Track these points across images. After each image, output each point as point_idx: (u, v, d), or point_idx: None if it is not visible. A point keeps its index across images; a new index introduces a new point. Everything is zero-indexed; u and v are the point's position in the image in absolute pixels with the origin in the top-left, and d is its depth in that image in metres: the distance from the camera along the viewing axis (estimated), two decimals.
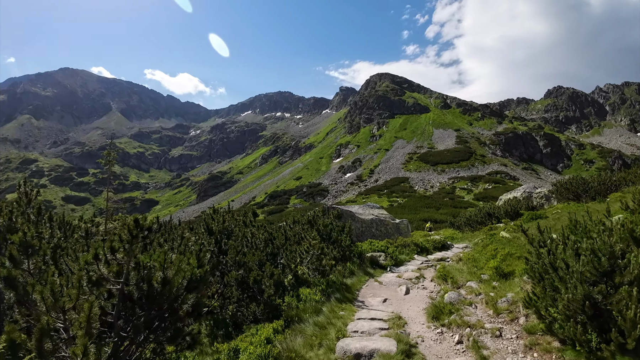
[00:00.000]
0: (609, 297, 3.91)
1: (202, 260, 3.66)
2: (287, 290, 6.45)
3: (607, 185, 15.91)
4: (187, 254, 3.61)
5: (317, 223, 9.26)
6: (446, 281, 7.72)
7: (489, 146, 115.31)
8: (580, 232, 5.53)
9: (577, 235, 6.00)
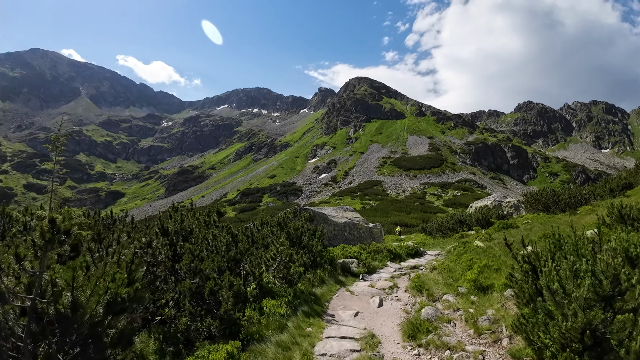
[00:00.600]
0: (609, 325, 3.49)
1: (133, 275, 2.88)
2: (249, 301, 5.72)
3: (577, 198, 16.19)
4: (112, 268, 2.83)
5: (287, 226, 8.57)
6: (421, 292, 7.25)
7: (459, 155, 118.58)
8: (568, 249, 5.18)
9: (562, 250, 5.68)
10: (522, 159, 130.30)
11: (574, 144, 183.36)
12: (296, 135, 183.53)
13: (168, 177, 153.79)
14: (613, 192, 17.27)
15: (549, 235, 10.71)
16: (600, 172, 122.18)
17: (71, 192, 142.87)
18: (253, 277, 6.30)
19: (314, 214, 12.09)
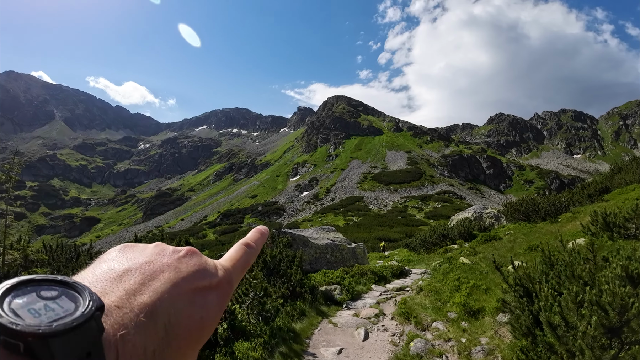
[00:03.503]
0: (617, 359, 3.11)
1: None
2: (219, 345, 5.08)
3: (556, 206, 16.24)
4: None
5: (264, 253, 7.98)
6: (409, 320, 6.77)
7: (437, 167, 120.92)
8: (562, 269, 4.84)
9: (554, 269, 5.35)
10: (497, 168, 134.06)
11: (546, 152, 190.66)
12: (277, 154, 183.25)
13: (145, 201, 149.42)
14: (591, 198, 17.50)
15: (534, 247, 10.59)
16: (573, 177, 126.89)
17: (45, 219, 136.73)
18: (225, 316, 5.66)
19: (294, 237, 11.53)
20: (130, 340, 0.30)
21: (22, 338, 0.24)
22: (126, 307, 0.31)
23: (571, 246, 6.01)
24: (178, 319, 0.34)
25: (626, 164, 20.75)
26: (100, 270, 0.35)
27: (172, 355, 0.33)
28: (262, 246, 0.51)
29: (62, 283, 0.29)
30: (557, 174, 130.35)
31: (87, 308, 0.27)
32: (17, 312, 0.25)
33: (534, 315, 4.03)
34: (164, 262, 0.38)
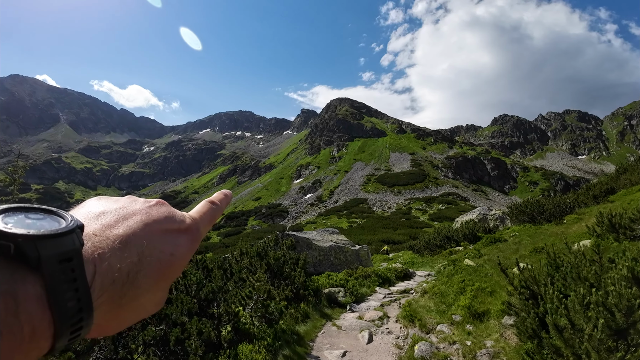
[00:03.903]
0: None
1: None
2: (222, 347, 5.08)
3: (562, 208, 16.12)
4: None
5: (267, 255, 7.98)
6: (413, 323, 6.73)
7: (441, 169, 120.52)
8: (567, 270, 4.80)
9: (560, 271, 5.31)
10: (501, 170, 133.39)
11: (550, 153, 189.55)
12: (280, 156, 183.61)
13: None
14: (597, 199, 17.34)
15: (539, 249, 10.51)
16: (579, 178, 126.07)
17: None
18: (228, 318, 5.67)
19: (297, 239, 11.52)
20: (107, 259, 0.35)
21: (13, 239, 0.29)
22: (102, 235, 0.37)
23: (577, 248, 5.95)
24: (150, 251, 0.40)
25: (631, 164, 20.55)
26: (79, 212, 0.40)
27: (144, 281, 0.38)
28: (225, 206, 0.58)
29: (47, 211, 0.35)
30: (562, 175, 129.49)
31: (70, 222, 0.34)
32: (7, 225, 0.30)
33: (540, 318, 3.99)
34: (136, 207, 0.44)
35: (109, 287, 0.34)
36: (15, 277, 0.28)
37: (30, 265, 0.29)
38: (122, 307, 0.37)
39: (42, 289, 0.29)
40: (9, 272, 0.28)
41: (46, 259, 0.30)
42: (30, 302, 0.28)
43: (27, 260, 0.29)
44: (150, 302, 0.41)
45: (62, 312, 0.30)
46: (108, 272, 0.35)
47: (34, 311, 0.28)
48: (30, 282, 0.29)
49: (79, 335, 0.32)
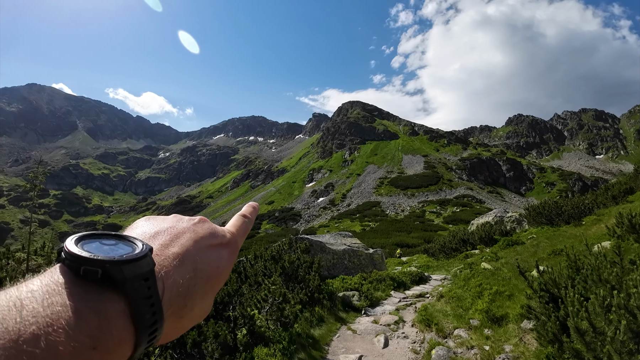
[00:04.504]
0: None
1: None
2: (238, 351, 5.12)
3: (580, 209, 15.71)
4: None
5: (281, 259, 8.02)
6: (430, 327, 6.65)
7: (455, 171, 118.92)
8: (588, 273, 4.68)
9: (580, 274, 5.18)
10: (517, 171, 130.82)
11: (567, 153, 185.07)
12: (292, 160, 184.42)
13: (166, 208, 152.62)
14: (616, 199, 16.85)
15: (558, 251, 10.26)
16: (596, 179, 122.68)
17: (68, 226, 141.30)
18: (244, 321, 5.71)
19: (311, 243, 11.54)
20: (171, 276, 0.41)
21: (101, 265, 0.34)
22: (163, 254, 0.42)
23: (597, 249, 5.79)
24: (202, 266, 0.46)
25: None
26: (135, 233, 0.46)
27: (198, 292, 0.44)
28: (254, 218, 0.66)
29: (117, 236, 0.41)
30: (580, 175, 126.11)
31: (144, 247, 0.39)
32: (90, 252, 0.36)
33: (561, 322, 3.90)
34: (184, 226, 0.49)
35: (174, 300, 0.40)
36: (103, 298, 0.34)
37: (115, 286, 0.35)
38: (183, 317, 0.43)
39: (125, 305, 0.35)
40: (97, 293, 0.34)
41: (129, 280, 0.35)
42: (118, 318, 0.34)
43: (113, 282, 0.35)
44: (202, 311, 0.47)
45: (142, 324, 0.35)
46: (173, 287, 0.40)
47: (122, 325, 0.34)
48: (116, 300, 0.34)
49: (153, 343, 0.38)
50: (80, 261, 0.34)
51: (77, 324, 0.30)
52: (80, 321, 0.31)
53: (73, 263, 0.34)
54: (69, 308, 0.31)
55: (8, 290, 0.32)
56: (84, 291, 0.33)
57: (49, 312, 0.30)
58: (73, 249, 0.35)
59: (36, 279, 0.34)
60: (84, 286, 0.34)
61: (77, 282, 0.34)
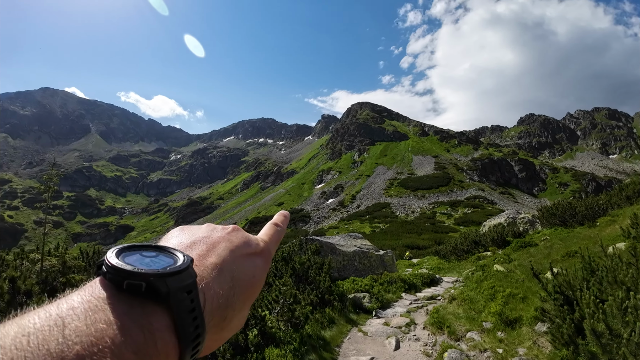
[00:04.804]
0: None
1: None
2: (249, 351, 5.16)
3: (594, 209, 15.42)
4: None
5: (292, 260, 8.05)
6: (442, 330, 6.59)
7: (466, 172, 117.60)
8: (603, 274, 4.59)
9: (595, 275, 5.08)
10: (530, 171, 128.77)
11: (580, 153, 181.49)
12: (302, 162, 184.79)
13: (177, 209, 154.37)
14: (630, 200, 16.48)
15: (572, 253, 10.08)
16: (610, 179, 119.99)
17: (81, 227, 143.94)
18: (255, 322, 5.75)
19: (321, 244, 11.55)
20: (212, 287, 0.40)
21: (145, 278, 0.34)
22: (202, 265, 0.42)
23: (611, 251, 5.68)
24: (238, 275, 0.45)
25: None
26: (171, 243, 0.45)
27: (236, 302, 0.44)
28: (286, 226, 0.66)
29: (157, 247, 0.41)
30: (593, 175, 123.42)
31: (186, 259, 0.39)
32: (133, 264, 0.35)
33: (576, 324, 3.84)
34: (219, 235, 0.49)
35: (215, 312, 0.40)
36: (147, 311, 0.33)
37: (159, 299, 0.34)
38: (223, 329, 0.43)
39: (169, 319, 0.34)
40: (141, 307, 0.33)
41: (174, 293, 0.34)
42: (163, 332, 0.33)
43: (158, 295, 0.34)
44: (239, 322, 0.46)
45: (186, 337, 0.35)
46: (214, 298, 0.40)
47: (166, 339, 0.33)
48: (159, 313, 0.34)
49: (195, 357, 0.37)
50: (123, 275, 0.34)
51: (122, 341, 0.30)
52: (125, 338, 0.30)
53: (116, 277, 0.34)
54: (114, 324, 0.30)
55: (47, 307, 0.31)
56: (127, 305, 0.33)
57: (93, 331, 0.29)
58: (116, 262, 0.35)
59: (75, 294, 0.33)
60: (127, 300, 0.33)
61: (120, 297, 0.33)
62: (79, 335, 0.28)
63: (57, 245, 10.19)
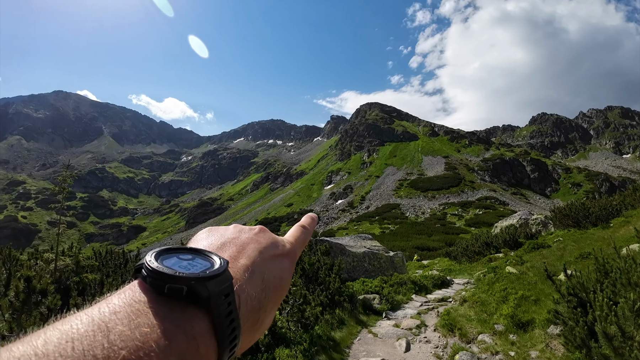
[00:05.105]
0: None
1: None
2: (260, 351, 5.21)
3: (608, 210, 15.15)
4: None
5: (302, 261, 8.09)
6: (453, 332, 6.56)
7: (477, 172, 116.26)
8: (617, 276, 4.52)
9: (609, 277, 5.00)
10: (542, 171, 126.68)
11: (594, 152, 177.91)
12: (311, 163, 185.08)
13: (188, 210, 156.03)
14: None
15: (586, 254, 9.91)
16: (624, 179, 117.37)
17: (94, 227, 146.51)
18: None
19: (331, 245, 11.57)
20: (245, 290, 0.41)
21: (186, 282, 0.34)
22: (234, 267, 0.42)
23: (625, 252, 5.58)
24: (268, 277, 0.45)
25: None
26: (203, 245, 0.46)
27: (266, 304, 0.44)
28: (313, 229, 0.66)
29: (192, 250, 0.41)
30: (607, 175, 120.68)
31: (223, 262, 0.39)
32: (172, 268, 0.35)
33: (589, 327, 3.79)
34: (247, 236, 0.50)
35: (250, 314, 0.40)
36: (188, 315, 0.33)
37: (199, 303, 0.34)
38: (256, 331, 0.43)
39: (209, 322, 0.34)
40: (181, 311, 0.33)
41: (214, 297, 0.35)
42: (204, 336, 0.33)
43: (198, 299, 0.34)
44: (269, 323, 0.47)
45: (224, 339, 0.35)
46: (247, 300, 0.40)
47: (208, 342, 0.33)
48: (200, 317, 0.34)
49: (230, 358, 0.38)
50: (165, 279, 0.34)
51: (167, 345, 0.30)
52: (169, 342, 0.30)
53: (157, 280, 0.34)
54: (157, 329, 0.30)
55: (87, 311, 0.31)
56: (168, 310, 0.33)
57: (137, 335, 0.29)
58: (156, 267, 0.35)
59: (115, 297, 0.33)
60: (168, 304, 0.33)
61: (160, 301, 0.33)
62: (123, 340, 0.28)
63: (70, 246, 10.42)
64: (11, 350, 0.25)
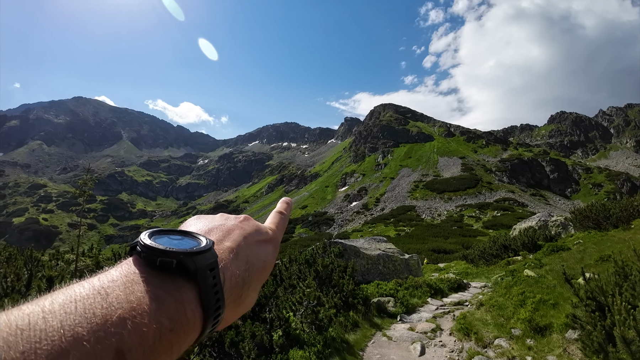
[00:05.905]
0: None
1: None
2: (274, 352, 5.28)
3: (629, 211, 14.66)
4: None
5: (315, 263, 8.14)
6: (469, 336, 6.47)
7: (495, 173, 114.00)
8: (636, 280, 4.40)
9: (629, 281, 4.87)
10: (562, 172, 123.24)
11: (614, 152, 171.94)
12: (325, 165, 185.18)
13: (205, 212, 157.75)
14: None
15: (606, 257, 9.63)
16: None
17: (114, 229, 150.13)
18: (279, 323, 5.87)
19: (345, 247, 11.57)
20: (230, 268, 0.46)
21: (176, 256, 0.40)
22: (220, 248, 0.48)
23: None
24: (252, 259, 0.51)
25: None
26: (192, 229, 0.51)
27: (250, 282, 0.50)
28: (289, 213, 0.74)
29: (181, 232, 0.48)
30: (628, 175, 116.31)
31: (209, 241, 0.45)
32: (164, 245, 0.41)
33: (607, 331, 3.70)
34: (232, 223, 0.55)
35: (233, 290, 0.46)
36: (177, 285, 0.39)
37: (187, 275, 0.40)
38: (239, 305, 0.49)
39: (196, 292, 0.40)
40: (172, 282, 0.39)
41: (200, 270, 0.40)
42: (191, 303, 0.39)
43: (186, 272, 0.40)
44: (252, 300, 0.52)
45: (209, 309, 0.41)
46: (232, 277, 0.46)
47: (194, 309, 0.39)
48: (188, 287, 0.39)
49: (215, 327, 0.44)
50: (156, 253, 0.39)
51: (158, 308, 0.35)
52: (160, 305, 0.35)
53: (149, 255, 0.39)
54: (150, 294, 0.35)
55: (89, 280, 0.36)
56: (160, 280, 0.38)
57: (132, 298, 0.34)
58: (149, 243, 0.41)
59: (113, 270, 0.38)
60: (160, 276, 0.39)
61: (153, 272, 0.38)
62: (120, 302, 0.33)
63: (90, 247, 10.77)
64: (21, 309, 0.30)
